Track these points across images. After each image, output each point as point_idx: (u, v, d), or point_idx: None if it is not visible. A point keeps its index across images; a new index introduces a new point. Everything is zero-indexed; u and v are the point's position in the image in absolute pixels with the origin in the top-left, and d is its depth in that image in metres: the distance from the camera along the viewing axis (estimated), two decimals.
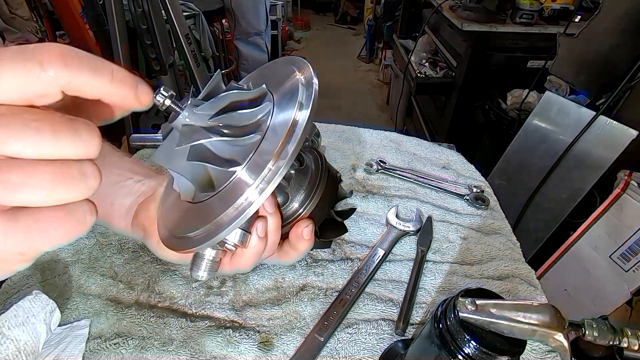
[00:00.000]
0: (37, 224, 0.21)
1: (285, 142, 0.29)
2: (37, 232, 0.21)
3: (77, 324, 0.51)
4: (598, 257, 1.18)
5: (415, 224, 0.68)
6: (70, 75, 0.21)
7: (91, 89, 0.22)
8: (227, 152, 0.31)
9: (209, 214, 0.30)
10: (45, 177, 0.20)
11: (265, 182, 0.28)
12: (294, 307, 0.55)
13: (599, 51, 1.26)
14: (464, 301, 0.33)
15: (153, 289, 0.57)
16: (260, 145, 0.30)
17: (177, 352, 0.49)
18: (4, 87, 0.20)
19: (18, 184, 0.20)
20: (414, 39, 2.38)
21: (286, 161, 0.28)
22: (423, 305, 0.57)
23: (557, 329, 0.31)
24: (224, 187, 0.30)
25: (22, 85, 0.21)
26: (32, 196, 0.20)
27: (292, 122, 0.29)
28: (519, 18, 1.67)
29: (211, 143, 0.30)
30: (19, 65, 0.20)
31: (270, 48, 2.91)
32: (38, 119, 0.20)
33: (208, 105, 0.30)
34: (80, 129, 0.22)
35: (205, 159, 0.30)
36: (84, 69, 0.22)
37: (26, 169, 0.20)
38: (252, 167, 0.29)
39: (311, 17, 5.55)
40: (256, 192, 0.28)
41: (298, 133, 0.29)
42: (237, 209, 0.29)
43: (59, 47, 0.21)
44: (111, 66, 0.23)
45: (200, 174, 0.31)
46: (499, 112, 1.64)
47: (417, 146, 0.91)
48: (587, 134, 1.23)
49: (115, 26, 1.81)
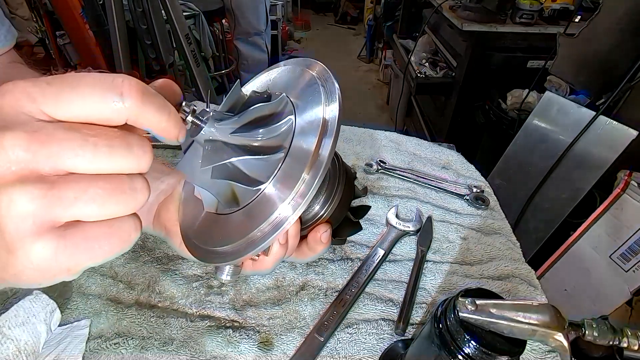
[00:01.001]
0: (86, 241, 0.21)
1: (316, 151, 0.28)
2: (85, 249, 0.21)
3: (77, 324, 0.51)
4: (598, 257, 1.18)
5: (415, 224, 0.68)
6: (141, 110, 0.22)
7: (149, 124, 0.23)
8: (253, 169, 0.30)
9: (239, 229, 0.30)
10: (98, 192, 0.21)
11: (299, 195, 0.28)
12: (294, 306, 0.55)
13: (599, 51, 1.26)
14: (464, 301, 0.33)
15: (153, 289, 0.57)
16: (286, 159, 0.29)
17: (177, 352, 0.49)
18: (76, 110, 0.21)
19: (73, 199, 0.20)
20: (414, 39, 2.38)
21: (320, 172, 0.28)
22: (423, 305, 0.57)
23: (557, 329, 0.31)
24: (250, 202, 0.30)
25: (94, 110, 0.21)
26: (85, 211, 0.21)
27: (320, 129, 0.29)
28: (519, 18, 1.67)
29: (236, 161, 0.30)
30: (98, 92, 0.21)
31: (270, 48, 2.91)
32: (95, 134, 0.21)
33: (230, 119, 0.30)
34: (132, 144, 0.22)
35: (231, 177, 0.30)
36: (153, 107, 0.23)
37: (81, 184, 0.21)
38: (281, 181, 0.29)
39: (311, 17, 5.55)
40: (289, 207, 0.28)
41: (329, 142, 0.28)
42: (271, 224, 0.28)
43: (139, 83, 0.22)
44: (169, 106, 0.24)
45: (225, 189, 0.31)
46: (499, 112, 1.64)
47: (417, 146, 0.91)
48: (587, 134, 1.23)
49: (115, 26, 1.82)
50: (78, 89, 0.21)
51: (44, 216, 0.20)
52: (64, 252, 0.21)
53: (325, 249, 0.38)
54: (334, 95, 0.30)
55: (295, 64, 0.36)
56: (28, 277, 0.21)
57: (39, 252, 0.20)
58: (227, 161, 0.29)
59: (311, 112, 0.30)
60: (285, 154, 0.30)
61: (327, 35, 5.23)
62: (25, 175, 0.20)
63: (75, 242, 0.21)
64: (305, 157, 0.28)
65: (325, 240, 0.37)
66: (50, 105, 0.21)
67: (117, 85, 0.21)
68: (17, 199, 0.19)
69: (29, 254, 0.20)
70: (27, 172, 0.20)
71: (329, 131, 0.29)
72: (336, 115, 0.29)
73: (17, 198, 0.19)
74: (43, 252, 0.20)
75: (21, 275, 0.21)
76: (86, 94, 0.21)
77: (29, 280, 0.22)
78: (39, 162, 0.20)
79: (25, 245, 0.20)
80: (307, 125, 0.30)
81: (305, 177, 0.28)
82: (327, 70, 0.33)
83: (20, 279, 0.21)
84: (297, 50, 4.49)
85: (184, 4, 2.14)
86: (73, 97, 0.21)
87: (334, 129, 0.29)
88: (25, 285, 0.23)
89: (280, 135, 0.31)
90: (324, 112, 0.30)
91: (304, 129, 0.30)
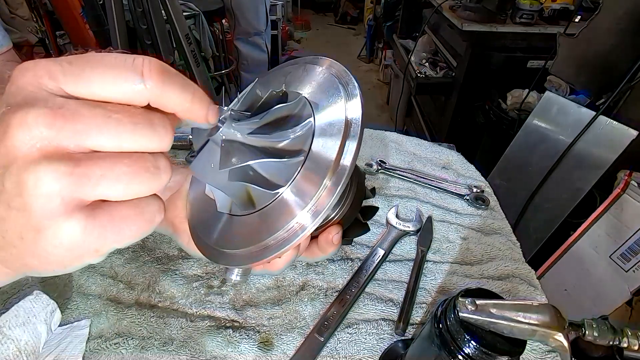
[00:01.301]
0: (113, 221, 0.21)
1: (339, 157, 0.27)
2: (112, 230, 0.21)
3: (78, 324, 0.51)
4: (598, 257, 1.18)
5: (416, 224, 0.68)
6: (162, 91, 0.22)
7: (173, 105, 0.23)
8: (271, 171, 0.30)
9: (254, 234, 0.29)
10: (124, 170, 0.21)
11: (319, 204, 0.27)
12: (294, 306, 0.55)
13: (599, 51, 1.26)
14: (464, 301, 0.33)
15: (153, 289, 0.57)
16: (306, 163, 0.29)
17: (178, 352, 0.49)
18: (97, 90, 0.21)
19: (99, 177, 0.20)
20: (414, 39, 2.38)
21: (342, 181, 0.26)
22: (423, 305, 0.57)
23: (557, 329, 0.31)
24: (267, 205, 0.29)
25: (115, 91, 0.21)
26: (111, 190, 0.21)
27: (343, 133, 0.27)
28: (519, 18, 1.68)
29: (255, 164, 0.29)
30: (120, 72, 0.21)
31: (270, 48, 2.91)
32: (118, 111, 0.21)
33: (248, 119, 0.29)
34: (155, 122, 0.22)
35: (248, 179, 0.29)
36: (175, 87, 0.22)
37: (107, 162, 0.20)
38: (299, 186, 0.28)
39: (311, 17, 5.55)
40: (308, 215, 0.27)
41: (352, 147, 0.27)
42: (288, 231, 0.28)
43: (159, 64, 0.22)
44: (193, 86, 0.24)
45: (240, 191, 0.31)
46: (499, 112, 1.64)
47: (417, 146, 0.91)
48: (587, 134, 1.23)
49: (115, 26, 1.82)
50: (99, 69, 0.21)
51: (72, 194, 0.20)
52: (92, 231, 0.20)
53: (335, 250, 0.38)
54: (354, 94, 0.29)
55: (309, 62, 0.35)
56: (56, 259, 0.21)
57: (68, 231, 0.20)
58: (246, 163, 0.29)
59: (331, 113, 0.29)
60: (304, 158, 0.29)
61: (327, 35, 5.23)
62: (50, 152, 0.19)
63: (103, 222, 0.21)
64: (326, 162, 0.27)
65: (336, 242, 0.36)
66: (71, 84, 0.20)
67: (137, 66, 0.21)
68: (43, 176, 0.19)
69: (58, 233, 0.20)
70: (52, 149, 0.19)
71: (352, 135, 0.28)
72: (359, 117, 0.28)
73: (44, 176, 0.19)
74: (72, 231, 0.20)
75: (49, 257, 0.21)
76: (107, 75, 0.21)
77: (56, 263, 0.21)
78: (63, 139, 0.19)
79: (54, 224, 0.20)
80: (327, 127, 0.29)
81: (327, 184, 0.27)
82: (346, 71, 0.32)
83: (47, 261, 0.21)
84: (297, 50, 4.49)
85: (184, 4, 2.14)
86: (94, 76, 0.21)
87: (357, 134, 0.28)
88: (49, 272, 0.22)
89: (299, 137, 0.30)
90: (345, 112, 0.29)
91: (324, 132, 0.29)
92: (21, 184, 0.19)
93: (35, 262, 0.21)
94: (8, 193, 0.19)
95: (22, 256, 0.21)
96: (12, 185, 0.19)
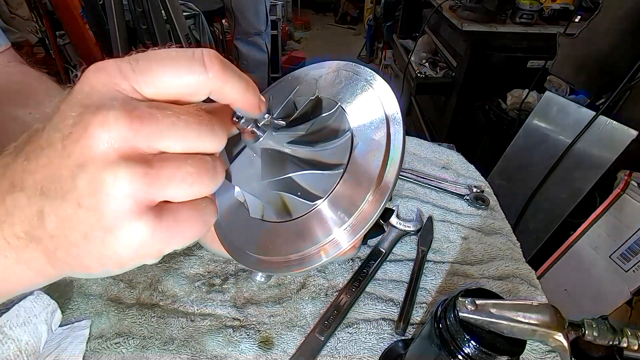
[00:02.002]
0: (177, 223, 0.21)
1: (382, 173, 0.26)
2: (176, 231, 0.21)
3: (78, 324, 0.51)
4: (598, 257, 1.18)
5: (416, 223, 0.68)
6: (223, 80, 0.22)
7: (232, 94, 0.23)
8: (309, 182, 0.30)
9: (288, 244, 0.29)
10: (189, 171, 0.21)
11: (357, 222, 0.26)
12: (294, 305, 0.55)
13: (599, 51, 1.26)
14: (464, 301, 0.33)
15: (155, 288, 0.57)
16: (345, 176, 0.28)
17: (178, 351, 0.49)
18: (165, 84, 0.21)
19: (168, 179, 0.20)
20: (414, 39, 2.38)
21: (384, 200, 0.26)
22: (423, 305, 0.57)
23: (557, 329, 0.31)
24: (302, 215, 0.29)
25: (181, 83, 0.21)
26: (177, 191, 0.21)
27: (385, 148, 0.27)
28: (518, 18, 1.68)
29: (295, 174, 0.29)
30: (184, 65, 0.21)
31: (270, 48, 2.91)
32: (185, 113, 0.21)
33: (287, 128, 0.29)
34: (215, 124, 0.22)
35: (287, 189, 0.29)
36: (233, 76, 0.23)
37: (175, 163, 0.21)
38: (338, 200, 0.28)
39: (311, 17, 5.55)
40: (344, 234, 0.27)
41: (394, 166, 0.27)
42: (322, 247, 0.27)
43: (217, 54, 0.22)
44: (245, 76, 0.24)
45: (275, 198, 0.31)
46: (499, 112, 1.64)
47: (417, 146, 0.91)
48: (587, 134, 1.23)
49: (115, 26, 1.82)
50: (165, 63, 0.21)
51: (144, 195, 0.20)
52: (159, 233, 0.21)
53: (355, 253, 0.38)
54: (392, 105, 0.29)
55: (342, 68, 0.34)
56: (120, 259, 0.21)
57: (138, 231, 0.20)
58: (288, 175, 0.28)
59: (370, 125, 0.29)
60: (344, 170, 0.28)
61: (327, 35, 5.22)
62: (127, 153, 0.19)
63: (169, 223, 0.21)
64: (367, 176, 0.27)
65: (358, 246, 0.37)
66: (141, 81, 0.21)
67: (198, 57, 0.22)
68: (121, 177, 0.19)
69: (129, 233, 0.20)
70: (129, 150, 0.20)
71: (393, 149, 0.27)
72: (400, 130, 0.27)
73: (122, 176, 0.19)
74: (142, 232, 0.20)
75: (113, 257, 0.21)
76: (173, 68, 0.21)
77: (117, 263, 0.21)
78: (139, 140, 0.20)
79: (126, 224, 0.20)
80: (367, 139, 0.28)
81: (369, 199, 0.26)
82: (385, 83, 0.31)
83: (109, 263, 0.21)
84: (297, 50, 4.49)
85: (184, 4, 2.14)
86: (161, 71, 0.21)
87: (400, 148, 0.27)
88: (98, 273, 0.22)
89: (338, 148, 0.30)
90: (386, 125, 0.28)
91: (364, 143, 0.28)
92: (97, 184, 0.19)
93: (94, 262, 0.21)
94: (80, 192, 0.19)
95: (82, 256, 0.21)
96: (85, 184, 0.19)
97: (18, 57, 0.61)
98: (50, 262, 0.21)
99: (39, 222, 0.20)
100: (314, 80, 0.35)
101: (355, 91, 0.31)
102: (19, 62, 0.60)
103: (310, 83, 0.35)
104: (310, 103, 0.32)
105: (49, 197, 0.20)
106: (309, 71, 0.36)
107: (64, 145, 0.19)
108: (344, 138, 0.30)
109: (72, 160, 0.19)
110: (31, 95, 0.54)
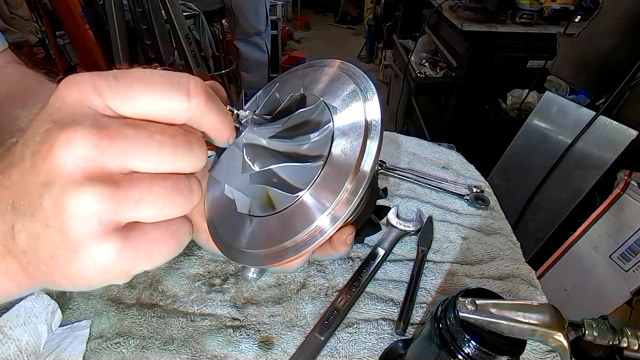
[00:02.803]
0: (147, 243, 0.21)
1: (359, 162, 0.27)
2: (145, 252, 0.21)
3: (78, 324, 0.51)
4: (598, 257, 1.18)
5: (416, 223, 0.68)
6: (204, 112, 0.22)
7: (208, 125, 0.23)
8: (291, 175, 0.30)
9: (273, 235, 0.30)
10: (160, 193, 0.20)
11: (339, 207, 0.27)
12: (294, 304, 0.55)
13: (599, 51, 1.26)
14: (464, 301, 0.33)
15: (155, 288, 0.57)
16: (325, 167, 0.29)
17: (178, 351, 0.49)
18: (143, 107, 0.21)
19: (138, 200, 0.20)
20: (414, 39, 2.38)
21: (363, 185, 0.27)
22: (423, 305, 0.57)
23: (557, 329, 0.31)
24: (286, 208, 0.30)
25: (161, 108, 0.21)
26: (147, 212, 0.20)
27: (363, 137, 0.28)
28: (518, 18, 1.68)
29: (276, 168, 0.30)
30: (167, 90, 0.21)
31: (270, 48, 2.91)
32: (160, 132, 0.21)
33: (269, 123, 0.30)
34: (193, 143, 0.22)
35: (269, 182, 0.30)
36: (215, 109, 0.23)
37: (145, 184, 0.20)
38: (319, 190, 0.28)
39: (311, 17, 5.55)
40: (328, 219, 0.27)
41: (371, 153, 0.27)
42: (308, 234, 0.28)
43: (204, 86, 0.22)
44: (225, 109, 0.24)
45: (260, 193, 0.31)
46: (499, 112, 1.64)
47: (417, 146, 0.91)
48: (587, 134, 1.23)
49: (115, 26, 1.82)
50: (148, 86, 0.20)
51: (110, 217, 0.19)
52: (126, 254, 0.20)
53: (348, 250, 0.38)
54: (372, 98, 0.30)
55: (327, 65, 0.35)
56: (86, 280, 0.21)
57: (104, 253, 0.19)
58: (268, 168, 0.29)
59: (350, 117, 0.30)
60: (324, 162, 0.29)
61: (327, 36, 5.23)
62: (93, 173, 0.19)
63: (137, 244, 0.20)
64: (346, 166, 0.28)
65: (349, 242, 0.37)
66: (117, 101, 0.20)
67: (183, 85, 0.21)
68: (85, 199, 0.18)
69: (94, 255, 0.19)
70: (95, 170, 0.19)
71: (371, 139, 0.28)
72: (378, 120, 0.28)
73: (86, 198, 0.18)
74: (108, 254, 0.20)
75: (80, 277, 0.20)
76: (155, 93, 0.21)
77: (85, 283, 0.21)
78: (106, 160, 0.19)
79: (90, 246, 0.19)
80: (347, 131, 0.29)
81: (348, 188, 0.27)
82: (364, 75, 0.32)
83: (77, 282, 0.21)
84: (297, 50, 4.49)
85: (184, 4, 2.14)
86: (143, 94, 0.20)
87: (377, 138, 0.28)
88: (71, 289, 0.22)
89: (319, 141, 0.30)
90: (365, 116, 0.29)
91: (344, 136, 0.29)
92: (61, 205, 0.19)
93: (64, 280, 0.21)
94: (46, 212, 0.19)
95: (51, 274, 0.20)
96: (51, 204, 0.19)
97: (16, 58, 0.61)
98: (25, 275, 0.21)
99: (11, 238, 0.20)
100: (300, 79, 0.36)
101: (338, 86, 0.32)
102: (17, 63, 0.60)
103: (298, 81, 0.36)
104: (294, 99, 0.33)
105: (20, 214, 0.19)
106: (299, 70, 0.37)
107: (33, 162, 0.19)
108: (325, 132, 0.30)
109: (40, 178, 0.19)
110: (31, 96, 0.54)
